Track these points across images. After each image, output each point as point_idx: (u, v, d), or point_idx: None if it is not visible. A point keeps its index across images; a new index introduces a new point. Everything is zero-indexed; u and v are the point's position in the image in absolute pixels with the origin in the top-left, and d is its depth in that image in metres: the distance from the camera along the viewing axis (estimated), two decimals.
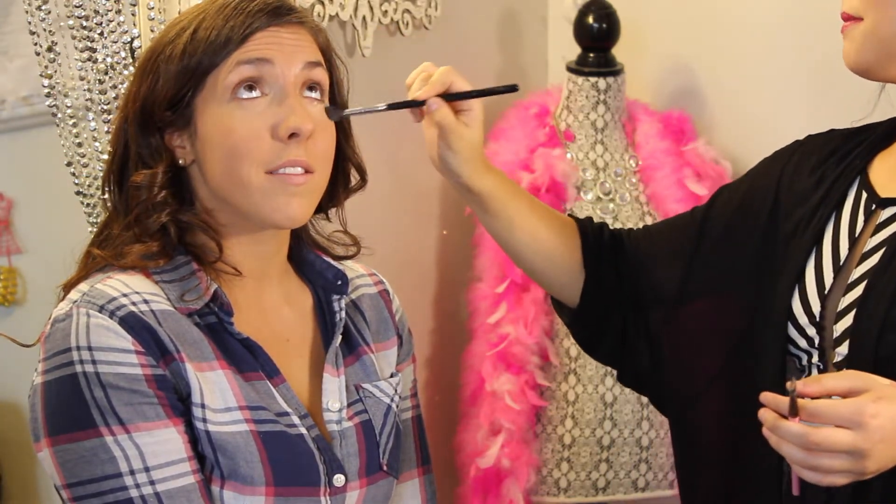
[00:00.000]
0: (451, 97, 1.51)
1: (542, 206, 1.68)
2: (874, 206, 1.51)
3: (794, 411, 1.27)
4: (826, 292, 1.50)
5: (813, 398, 1.29)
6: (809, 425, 1.27)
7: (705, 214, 1.67)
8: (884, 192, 1.52)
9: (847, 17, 1.51)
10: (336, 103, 1.43)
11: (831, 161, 1.59)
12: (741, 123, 2.47)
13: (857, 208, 1.53)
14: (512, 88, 1.52)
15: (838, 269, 1.50)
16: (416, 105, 1.50)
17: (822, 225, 1.54)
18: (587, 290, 1.67)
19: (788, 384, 1.29)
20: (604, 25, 2.46)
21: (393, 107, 1.49)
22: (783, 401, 1.29)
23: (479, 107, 1.54)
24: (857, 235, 1.51)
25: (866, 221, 1.51)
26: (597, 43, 2.46)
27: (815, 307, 1.50)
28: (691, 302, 1.65)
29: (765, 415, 1.30)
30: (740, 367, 1.58)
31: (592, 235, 1.68)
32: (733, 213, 1.64)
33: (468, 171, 1.57)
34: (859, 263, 1.49)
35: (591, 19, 2.46)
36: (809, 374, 1.51)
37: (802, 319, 1.51)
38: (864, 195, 1.53)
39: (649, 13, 2.57)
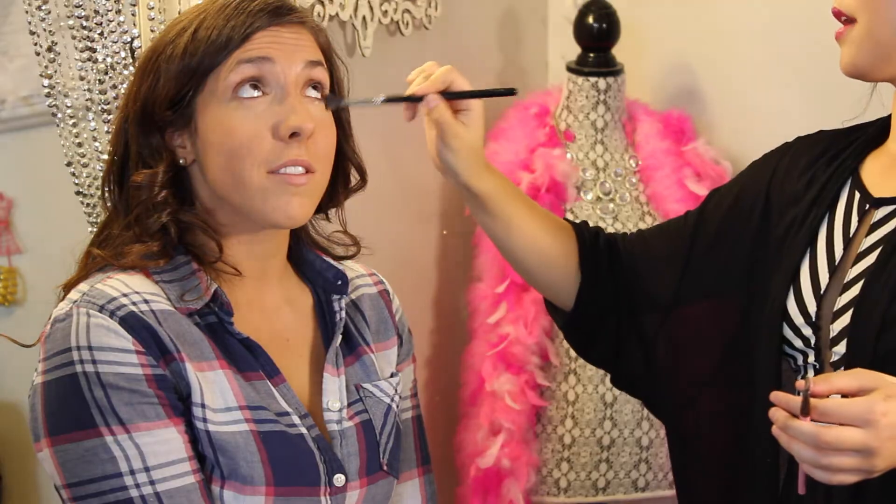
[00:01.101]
0: (450, 96, 1.51)
1: (539, 210, 1.68)
2: (868, 206, 1.52)
3: (805, 410, 1.27)
4: (822, 292, 1.50)
5: (822, 397, 1.28)
6: (819, 424, 1.26)
7: (698, 218, 1.68)
8: (877, 191, 1.52)
9: (838, 14, 1.51)
10: None
11: (822, 162, 1.59)
12: (741, 123, 2.47)
13: (850, 208, 1.53)
14: (511, 92, 1.52)
15: (833, 268, 1.50)
16: (413, 100, 1.50)
17: (816, 225, 1.54)
18: (582, 294, 1.67)
19: (801, 383, 1.28)
20: (604, 25, 2.46)
21: (391, 100, 1.49)
22: (794, 400, 1.28)
23: (480, 108, 1.54)
24: (851, 235, 1.51)
25: (860, 221, 1.52)
26: (597, 43, 2.46)
27: (811, 307, 1.50)
28: (686, 305, 1.65)
29: (775, 414, 1.29)
30: (735, 368, 1.59)
31: (589, 239, 1.68)
32: (725, 216, 1.65)
33: (466, 171, 1.57)
34: (855, 263, 1.49)
35: (591, 19, 2.46)
36: (805, 374, 1.52)
37: (798, 319, 1.51)
38: (857, 195, 1.54)
39: (649, 13, 2.57)
